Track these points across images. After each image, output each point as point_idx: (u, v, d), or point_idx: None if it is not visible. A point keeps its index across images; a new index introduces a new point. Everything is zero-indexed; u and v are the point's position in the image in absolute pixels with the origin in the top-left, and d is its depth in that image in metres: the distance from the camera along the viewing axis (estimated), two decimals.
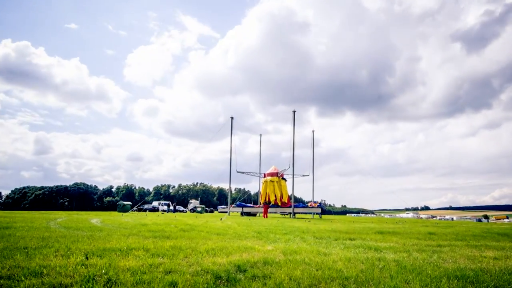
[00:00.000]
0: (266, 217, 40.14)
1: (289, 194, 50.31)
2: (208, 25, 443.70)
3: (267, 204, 45.48)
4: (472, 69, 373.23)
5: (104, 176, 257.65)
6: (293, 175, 46.11)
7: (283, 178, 50.63)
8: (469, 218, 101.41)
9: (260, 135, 59.04)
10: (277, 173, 50.18)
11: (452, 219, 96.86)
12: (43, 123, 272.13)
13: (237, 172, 50.51)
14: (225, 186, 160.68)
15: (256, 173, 55.00)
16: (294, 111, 45.55)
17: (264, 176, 51.86)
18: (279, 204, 48.27)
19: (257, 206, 51.08)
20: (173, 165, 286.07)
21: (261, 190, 52.17)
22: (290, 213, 44.13)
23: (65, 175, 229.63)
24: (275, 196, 48.62)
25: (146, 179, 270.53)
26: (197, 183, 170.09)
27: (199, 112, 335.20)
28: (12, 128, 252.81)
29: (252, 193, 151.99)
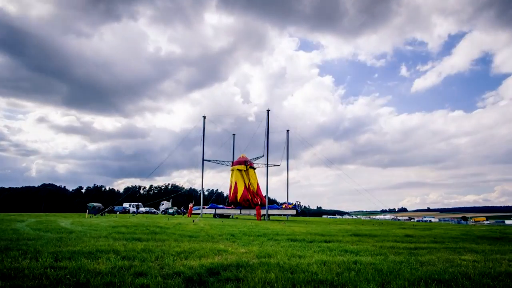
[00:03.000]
0: (260, 219, 40.11)
1: (258, 183, 50.19)
2: None
3: (259, 206, 45.24)
4: None
5: None
6: (267, 174, 46.19)
7: (251, 167, 50.46)
8: (448, 220, 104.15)
9: (234, 134, 58.28)
10: (245, 161, 49.70)
11: (430, 221, 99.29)
12: None
13: (203, 160, 49.79)
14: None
15: (224, 161, 54.34)
16: (268, 110, 45.63)
17: (232, 165, 51.59)
18: (249, 195, 48.06)
19: (230, 207, 50.84)
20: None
21: (229, 181, 51.79)
22: (264, 215, 44.28)
23: None
24: (245, 185, 48.24)
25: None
26: (168, 184, 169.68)
27: None
28: None
29: (225, 194, 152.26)
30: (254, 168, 50.83)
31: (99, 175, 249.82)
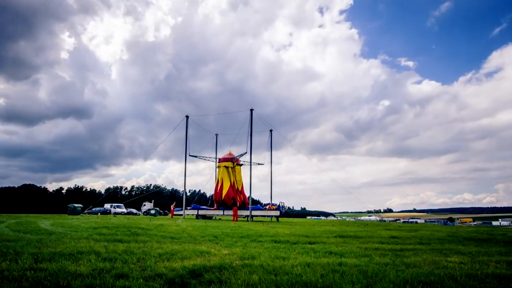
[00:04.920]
0: (237, 220, 40.08)
1: (242, 182, 50.71)
2: None
3: (236, 206, 45.28)
4: None
5: None
6: (250, 176, 46.15)
7: (238, 164, 50.75)
8: (434, 221, 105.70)
9: (216, 134, 58.17)
10: (231, 158, 49.97)
11: (416, 222, 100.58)
12: None
13: (189, 156, 49.74)
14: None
15: (210, 157, 54.45)
16: (251, 110, 45.64)
17: (219, 161, 51.84)
18: (233, 193, 48.24)
19: (213, 208, 50.84)
20: None
21: (216, 178, 52.02)
22: (247, 216, 44.35)
23: None
24: (230, 183, 48.49)
25: None
26: (150, 184, 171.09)
27: None
28: None
29: (208, 195, 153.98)
30: (240, 165, 50.97)
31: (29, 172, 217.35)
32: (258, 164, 53.43)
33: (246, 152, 47.15)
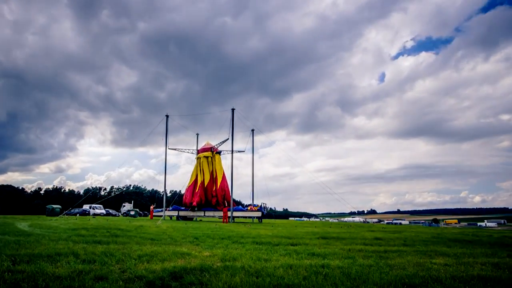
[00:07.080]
0: (227, 221, 39.86)
1: (224, 173, 50.20)
2: None
3: (226, 207, 45.06)
4: None
5: None
6: (232, 177, 46.05)
7: (217, 153, 50.28)
8: (419, 222, 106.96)
9: (197, 134, 58.03)
10: (211, 147, 49.74)
11: (401, 223, 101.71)
12: None
13: (169, 149, 49.34)
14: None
15: (189, 149, 54.12)
16: (233, 109, 45.63)
17: (198, 153, 51.48)
18: (212, 183, 48.08)
19: (190, 209, 50.61)
20: None
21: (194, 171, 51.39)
22: (228, 217, 44.37)
23: None
24: (210, 174, 48.19)
25: None
26: (130, 185, 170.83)
27: None
28: None
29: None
30: (220, 153, 50.40)
31: None
32: (239, 151, 53.12)
33: (227, 139, 46.95)
